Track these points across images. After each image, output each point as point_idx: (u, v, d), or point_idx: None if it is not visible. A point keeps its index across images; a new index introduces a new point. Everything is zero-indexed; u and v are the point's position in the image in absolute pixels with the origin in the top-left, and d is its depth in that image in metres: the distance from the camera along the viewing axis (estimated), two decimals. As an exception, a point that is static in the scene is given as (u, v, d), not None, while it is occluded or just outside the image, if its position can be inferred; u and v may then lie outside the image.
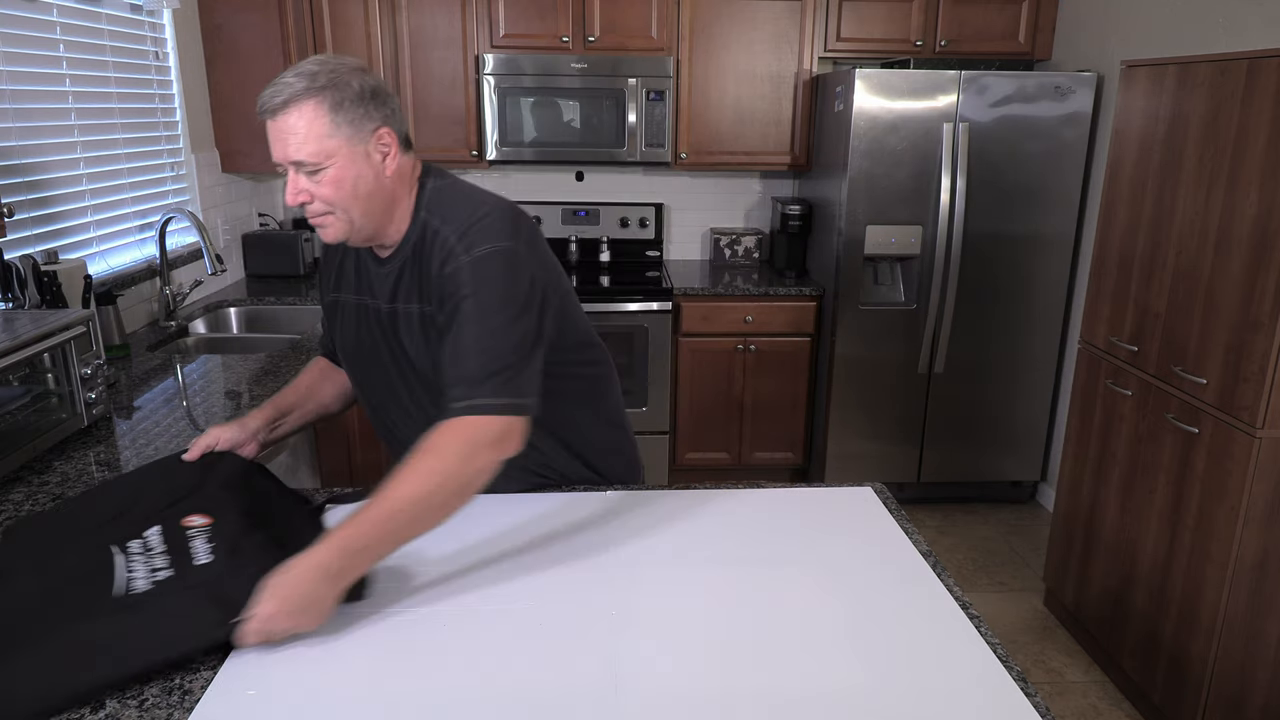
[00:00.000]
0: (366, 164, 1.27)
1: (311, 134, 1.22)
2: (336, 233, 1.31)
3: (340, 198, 1.27)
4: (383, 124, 1.27)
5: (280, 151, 1.24)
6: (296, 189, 1.26)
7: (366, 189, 1.28)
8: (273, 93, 1.22)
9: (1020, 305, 3.41)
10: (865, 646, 1.13)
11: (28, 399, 1.65)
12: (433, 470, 1.18)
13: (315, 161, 1.23)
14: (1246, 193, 2.01)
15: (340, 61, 1.25)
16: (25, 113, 2.27)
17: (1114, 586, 2.51)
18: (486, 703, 1.01)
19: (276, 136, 1.23)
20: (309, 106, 1.21)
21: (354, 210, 1.29)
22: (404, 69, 3.50)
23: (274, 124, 1.23)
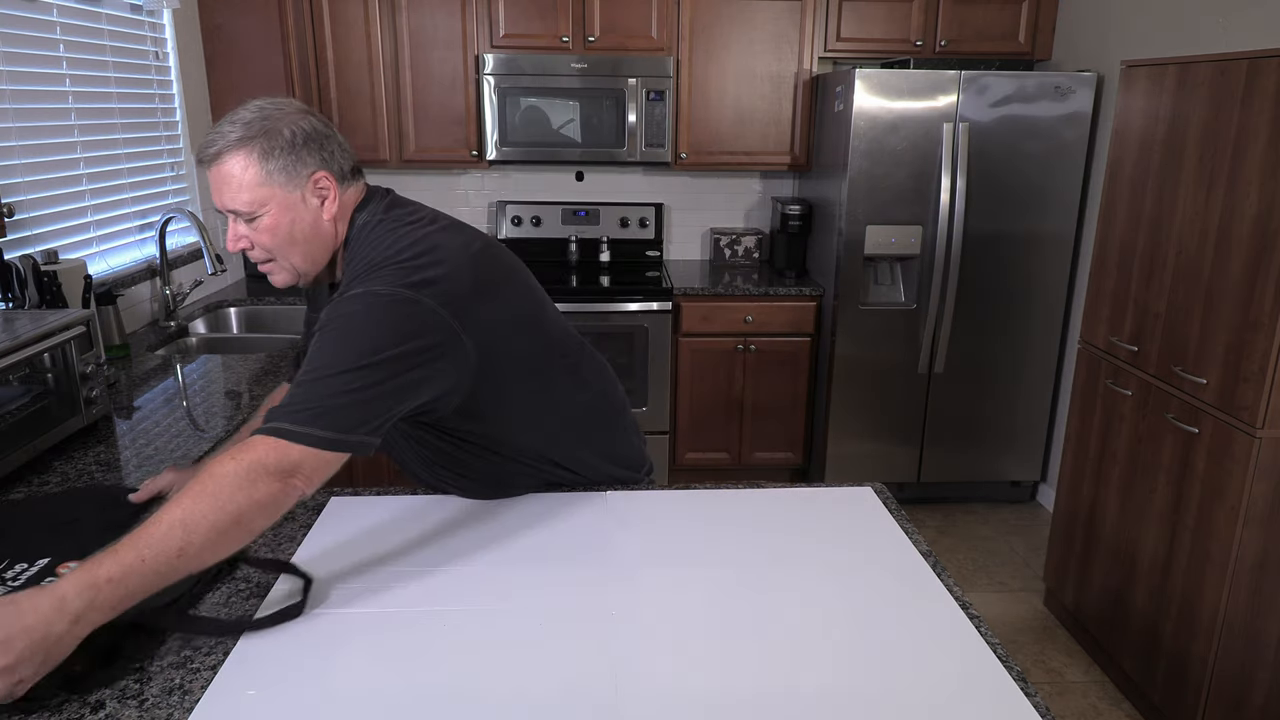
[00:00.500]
0: (303, 209, 1.26)
1: (244, 183, 1.22)
2: (283, 279, 1.31)
3: (277, 244, 1.26)
4: (319, 168, 1.26)
5: (218, 199, 1.25)
6: (235, 235, 1.27)
7: (304, 234, 1.27)
8: (208, 142, 1.22)
9: (1020, 305, 3.41)
10: (865, 647, 1.13)
11: (28, 399, 1.65)
12: (216, 496, 1.06)
13: (249, 210, 1.23)
14: (1246, 193, 2.01)
15: (276, 107, 1.25)
16: (25, 113, 2.27)
17: (1114, 586, 2.51)
18: (486, 702, 1.01)
19: (214, 185, 1.24)
20: (240, 156, 1.21)
21: (293, 256, 1.28)
22: (404, 69, 3.50)
23: (211, 173, 1.23)
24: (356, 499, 1.52)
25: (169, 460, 1.66)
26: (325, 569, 1.29)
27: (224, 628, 1.13)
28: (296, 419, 1.12)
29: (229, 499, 1.07)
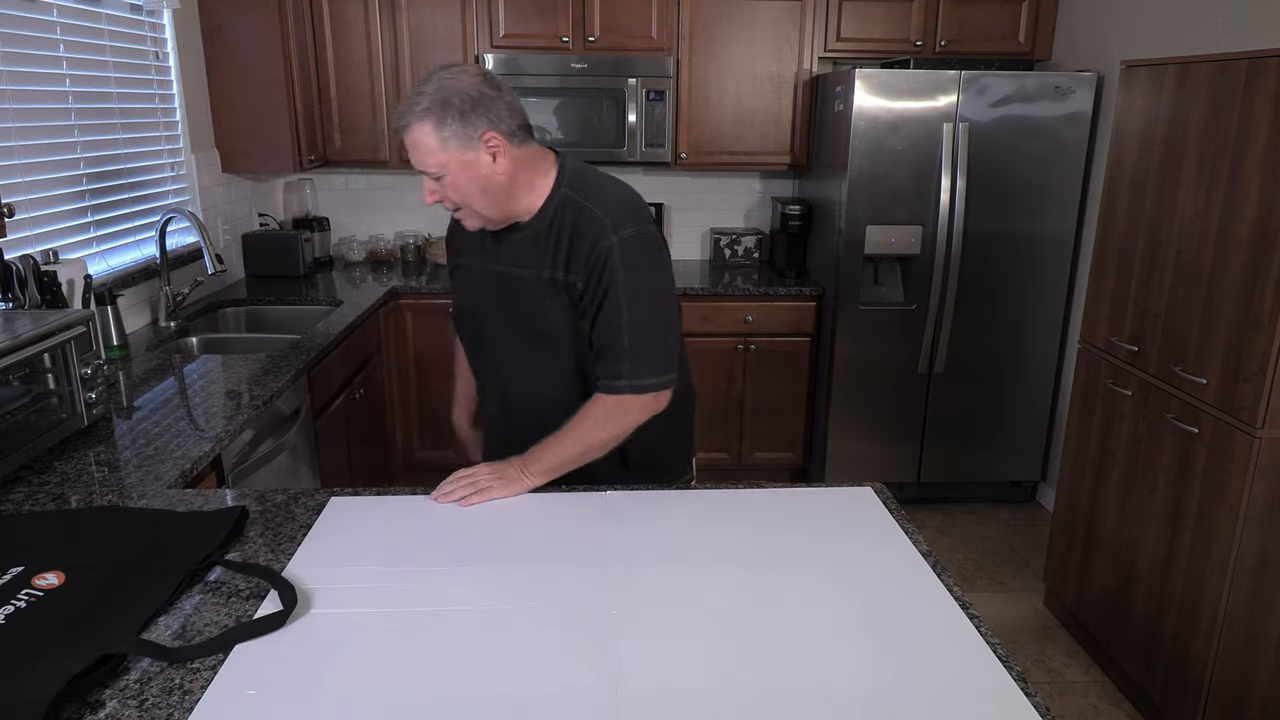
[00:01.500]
0: (479, 165, 1.44)
1: (432, 148, 1.41)
2: (473, 223, 1.52)
3: (463, 195, 1.46)
4: (488, 128, 1.42)
5: (415, 161, 1.45)
6: (429, 190, 1.48)
7: (483, 185, 1.45)
8: (398, 115, 1.44)
9: (1020, 305, 3.41)
10: (865, 647, 1.13)
11: (28, 399, 1.65)
12: (604, 425, 1.50)
13: (437, 171, 1.44)
14: (1246, 193, 2.01)
15: (451, 77, 1.42)
16: (25, 113, 2.27)
17: (1114, 586, 2.51)
18: (486, 702, 1.01)
19: (410, 151, 1.44)
20: (419, 129, 1.41)
21: (478, 203, 1.47)
22: (404, 69, 3.50)
23: (405, 140, 1.44)
24: (356, 499, 1.52)
25: (169, 460, 1.66)
26: (325, 569, 1.28)
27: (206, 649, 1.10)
28: (644, 371, 1.48)
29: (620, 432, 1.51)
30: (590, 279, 1.47)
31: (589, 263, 1.46)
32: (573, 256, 1.48)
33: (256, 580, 1.25)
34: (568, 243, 1.48)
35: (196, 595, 1.21)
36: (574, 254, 1.48)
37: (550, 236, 1.50)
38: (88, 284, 2.28)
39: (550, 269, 1.50)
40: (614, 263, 1.45)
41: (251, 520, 1.44)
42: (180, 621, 1.16)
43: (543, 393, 1.61)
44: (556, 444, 1.50)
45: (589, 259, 1.46)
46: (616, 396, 1.48)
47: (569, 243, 1.48)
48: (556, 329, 1.54)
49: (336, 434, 2.74)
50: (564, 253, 1.49)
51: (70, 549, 1.28)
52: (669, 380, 1.50)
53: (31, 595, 1.16)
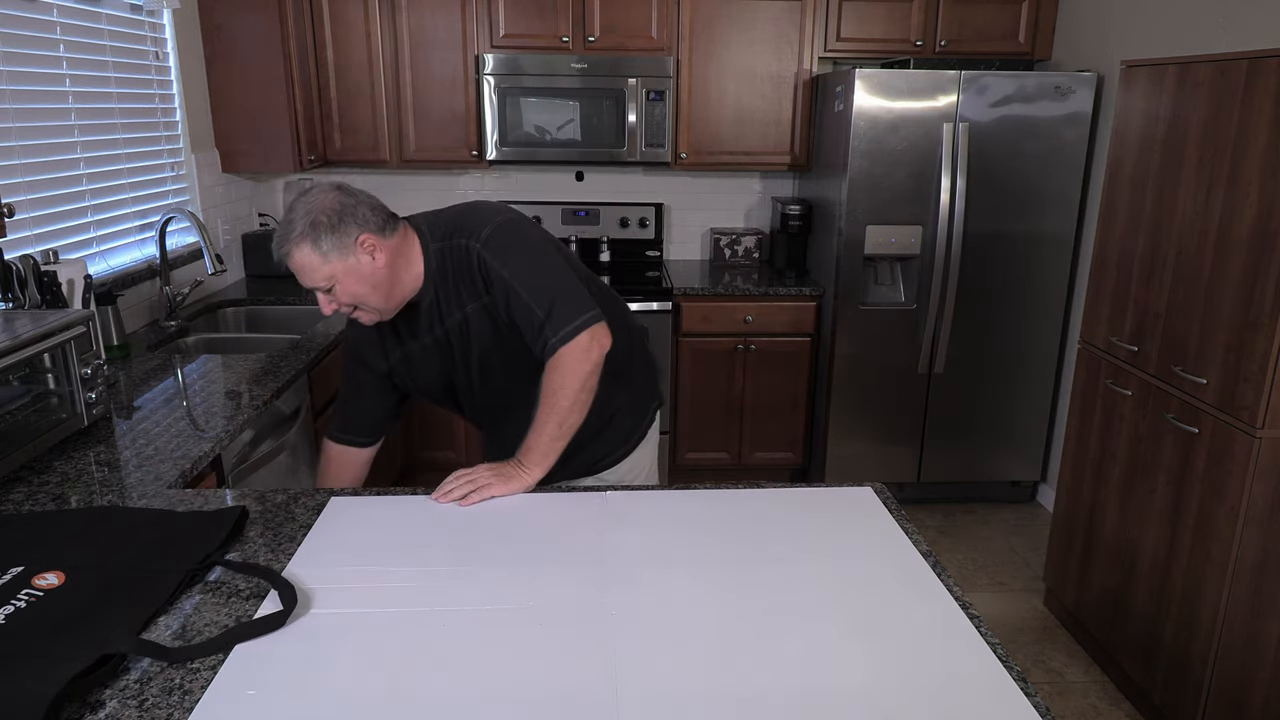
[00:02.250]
0: (361, 267, 1.54)
1: (312, 268, 1.53)
2: (372, 317, 1.62)
3: (355, 296, 1.56)
4: (360, 232, 1.53)
5: (304, 282, 1.57)
6: (325, 302, 1.58)
7: (371, 283, 1.56)
8: (277, 241, 1.54)
9: (1020, 305, 3.41)
10: (865, 646, 1.13)
11: (28, 399, 1.65)
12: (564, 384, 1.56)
13: (325, 284, 1.55)
14: (1246, 193, 2.01)
15: (311, 200, 1.53)
16: (25, 113, 2.27)
17: (1114, 586, 2.51)
18: (486, 702, 1.01)
19: (295, 271, 1.56)
20: (299, 252, 1.52)
21: (370, 299, 1.57)
22: (404, 69, 3.50)
23: (289, 263, 1.55)
24: (356, 499, 1.52)
25: (169, 460, 1.66)
26: (325, 569, 1.29)
27: (206, 649, 1.10)
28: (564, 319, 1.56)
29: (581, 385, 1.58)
30: (489, 287, 1.60)
31: (480, 277, 1.60)
32: (468, 285, 1.62)
33: (256, 580, 1.25)
34: (457, 279, 1.62)
35: (196, 595, 1.22)
36: (466, 282, 1.61)
37: (446, 287, 1.63)
38: (88, 284, 2.28)
39: (461, 309, 1.64)
40: (489, 262, 1.58)
41: (251, 520, 1.44)
42: (180, 621, 1.16)
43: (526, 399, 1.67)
44: (535, 432, 1.57)
45: (477, 275, 1.60)
46: (554, 357, 1.57)
47: (458, 278, 1.62)
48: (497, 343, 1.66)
49: (336, 434, 2.74)
50: (463, 287, 1.62)
51: (70, 549, 1.28)
52: (592, 316, 1.58)
53: (31, 595, 1.16)
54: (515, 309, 1.58)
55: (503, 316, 1.61)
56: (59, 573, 1.21)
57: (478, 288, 1.61)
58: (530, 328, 1.58)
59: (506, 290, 1.58)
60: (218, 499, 1.51)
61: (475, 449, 3.59)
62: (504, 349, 1.66)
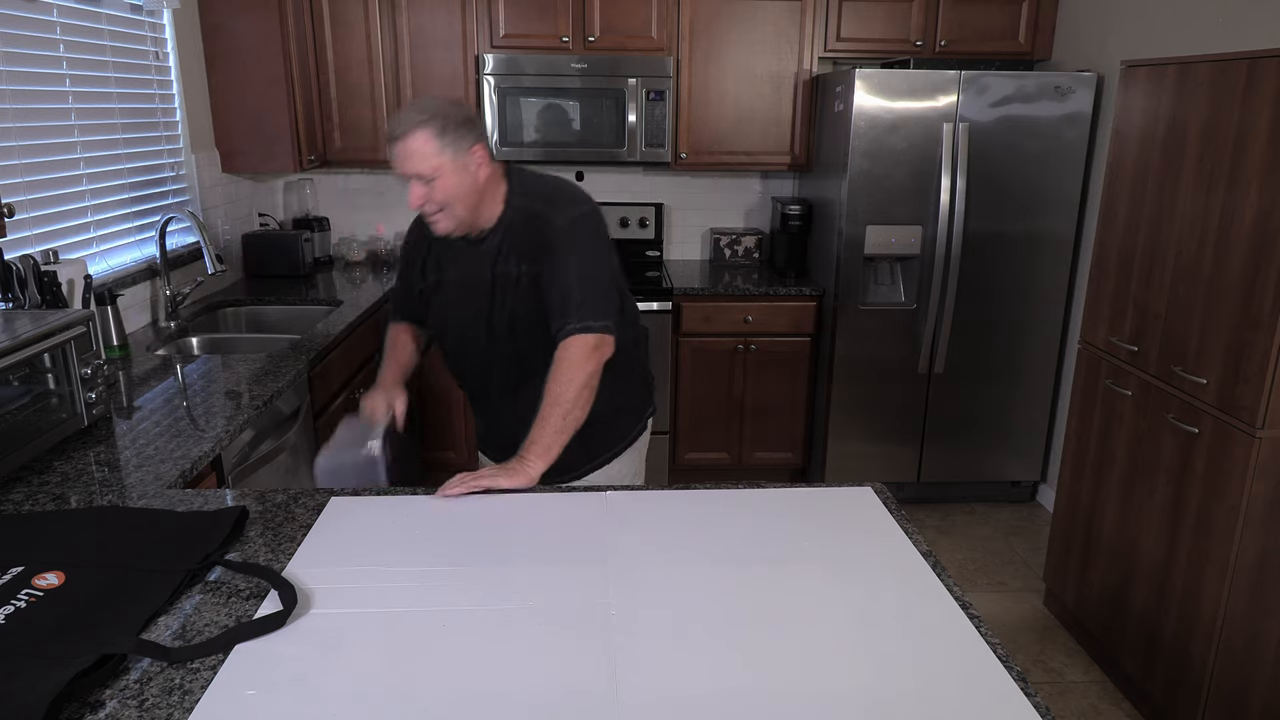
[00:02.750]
0: (466, 173, 1.66)
1: (429, 153, 1.61)
2: (448, 225, 1.70)
3: (449, 198, 1.66)
4: (476, 142, 1.66)
5: (403, 167, 1.63)
6: (418, 194, 1.65)
7: (467, 191, 1.67)
8: (395, 124, 1.62)
9: (1020, 305, 3.41)
10: (865, 646, 1.13)
11: (28, 399, 1.65)
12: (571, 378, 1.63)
13: (428, 175, 1.62)
14: (1246, 193, 2.01)
15: (444, 98, 1.66)
16: (25, 113, 2.27)
17: (1114, 586, 2.51)
18: (486, 702, 1.01)
19: (399, 156, 1.63)
20: (420, 135, 1.61)
21: (459, 207, 1.68)
22: (404, 69, 3.50)
23: (396, 147, 1.62)
24: (356, 499, 1.52)
25: (169, 460, 1.66)
26: (325, 569, 1.29)
27: (206, 649, 1.10)
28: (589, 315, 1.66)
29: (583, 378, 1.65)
30: (545, 257, 1.70)
31: (544, 246, 1.70)
32: (535, 249, 1.71)
33: (256, 580, 1.25)
34: (526, 240, 1.72)
35: (196, 595, 1.22)
36: (534, 246, 1.71)
37: (512, 239, 1.73)
38: (88, 284, 2.28)
39: (519, 266, 1.73)
40: (562, 238, 1.69)
41: (251, 520, 1.44)
42: (180, 621, 1.16)
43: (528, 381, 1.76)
44: (539, 426, 1.62)
45: (543, 244, 1.70)
46: (566, 341, 1.65)
47: (527, 240, 1.72)
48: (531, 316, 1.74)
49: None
50: (527, 250, 1.72)
51: (70, 549, 1.28)
52: (608, 326, 1.69)
53: (31, 595, 1.16)
54: (555, 283, 1.68)
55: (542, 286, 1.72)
56: (59, 573, 1.21)
57: (536, 256, 1.71)
58: (559, 305, 1.68)
59: (559, 265, 1.68)
60: (218, 499, 1.51)
61: (476, 450, 3.60)
62: (534, 323, 1.73)
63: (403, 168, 1.64)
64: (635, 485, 1.88)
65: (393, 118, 1.65)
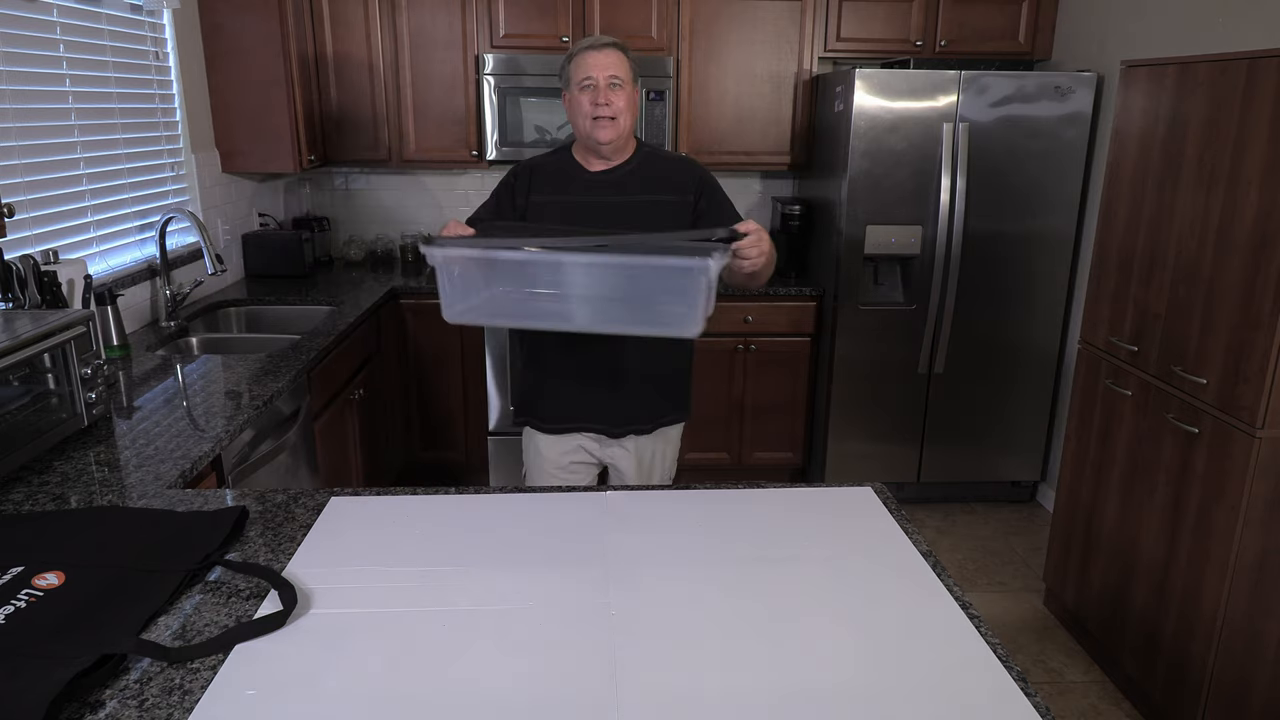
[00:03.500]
0: (634, 96, 1.96)
1: (623, 65, 1.92)
2: (613, 134, 1.92)
3: (624, 109, 1.92)
4: (638, 80, 1.98)
5: (600, 70, 1.89)
6: (604, 96, 1.88)
7: (633, 109, 1.95)
8: (597, 39, 1.93)
9: (1020, 305, 3.41)
10: (865, 646, 1.13)
11: (28, 399, 1.65)
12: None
13: (622, 79, 1.91)
14: (1246, 193, 2.01)
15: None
16: (25, 113, 2.27)
17: (1114, 586, 2.51)
18: (486, 702, 1.01)
19: (598, 61, 1.89)
20: (620, 53, 1.93)
21: (626, 118, 1.93)
22: (404, 69, 3.50)
23: (599, 54, 1.90)
24: (356, 499, 1.52)
25: (169, 460, 1.66)
26: (325, 569, 1.29)
27: (206, 649, 1.10)
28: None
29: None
30: (702, 193, 1.98)
31: (697, 182, 1.98)
32: (679, 183, 1.98)
33: (256, 580, 1.25)
34: (668, 173, 2.00)
35: (196, 595, 1.22)
36: (679, 181, 1.98)
37: (649, 171, 1.99)
38: (88, 284, 2.28)
39: (661, 194, 1.96)
40: (710, 179, 2.01)
41: (251, 520, 1.44)
42: (180, 621, 1.16)
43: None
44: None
45: (695, 180, 1.99)
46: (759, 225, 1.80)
47: (670, 172, 2.00)
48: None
49: (336, 434, 2.74)
50: (671, 182, 1.98)
51: (70, 549, 1.28)
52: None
53: (31, 595, 1.16)
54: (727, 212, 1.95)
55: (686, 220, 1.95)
56: (59, 573, 1.21)
57: (687, 189, 1.96)
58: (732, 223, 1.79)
59: (726, 201, 2.00)
60: (218, 499, 1.51)
61: (476, 450, 3.60)
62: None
63: (603, 71, 1.88)
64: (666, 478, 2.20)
65: (583, 40, 1.94)
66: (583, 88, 1.89)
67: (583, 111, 1.90)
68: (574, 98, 1.92)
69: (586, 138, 1.94)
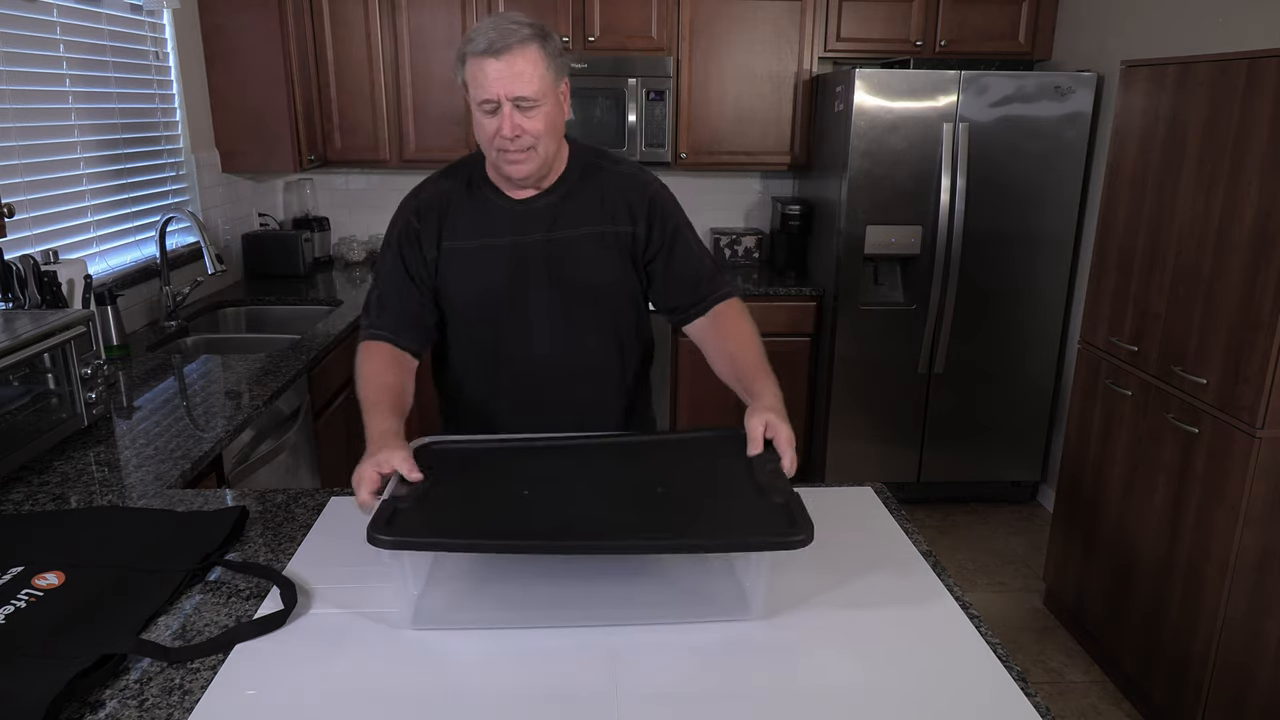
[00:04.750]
0: (558, 106, 1.44)
1: (537, 74, 1.37)
2: (530, 167, 1.45)
3: (544, 132, 1.42)
4: (565, 74, 1.45)
5: (504, 88, 1.37)
6: (513, 124, 1.39)
7: (555, 126, 1.44)
8: (498, 35, 1.35)
9: (1020, 305, 3.41)
10: (865, 646, 1.13)
11: (28, 399, 1.65)
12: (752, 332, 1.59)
13: (536, 98, 1.38)
14: (1246, 193, 2.01)
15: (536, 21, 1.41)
16: (25, 113, 2.27)
17: (1114, 587, 2.51)
18: (486, 703, 1.01)
19: (500, 74, 1.36)
20: (531, 48, 1.36)
21: (545, 144, 1.44)
22: (404, 69, 3.50)
23: (499, 62, 1.36)
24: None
25: (169, 460, 1.66)
26: (325, 569, 1.28)
27: (206, 649, 1.09)
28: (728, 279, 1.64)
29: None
30: (652, 223, 1.55)
31: (644, 209, 1.54)
32: (620, 208, 1.54)
33: (256, 580, 1.25)
34: (611, 197, 1.54)
35: (196, 595, 1.22)
36: (620, 205, 1.54)
37: (586, 195, 1.54)
38: (88, 284, 2.28)
39: (600, 224, 1.54)
40: (665, 205, 1.56)
41: (251, 520, 1.44)
42: (180, 621, 1.16)
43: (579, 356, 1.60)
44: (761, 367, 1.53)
45: (641, 207, 1.54)
46: (730, 303, 1.60)
47: (612, 196, 1.54)
48: (608, 281, 1.57)
49: (336, 434, 2.74)
50: (610, 207, 1.54)
51: (70, 549, 1.28)
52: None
53: (31, 595, 1.16)
54: (680, 252, 1.57)
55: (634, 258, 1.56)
56: (59, 573, 1.21)
57: (630, 214, 1.54)
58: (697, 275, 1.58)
59: (678, 234, 1.57)
60: (218, 499, 1.51)
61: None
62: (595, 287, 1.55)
63: (503, 88, 1.36)
64: None
65: (483, 27, 1.37)
66: (485, 110, 1.40)
67: (485, 138, 1.43)
68: (475, 115, 1.43)
69: (495, 168, 1.49)
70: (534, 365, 1.59)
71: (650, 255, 1.57)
